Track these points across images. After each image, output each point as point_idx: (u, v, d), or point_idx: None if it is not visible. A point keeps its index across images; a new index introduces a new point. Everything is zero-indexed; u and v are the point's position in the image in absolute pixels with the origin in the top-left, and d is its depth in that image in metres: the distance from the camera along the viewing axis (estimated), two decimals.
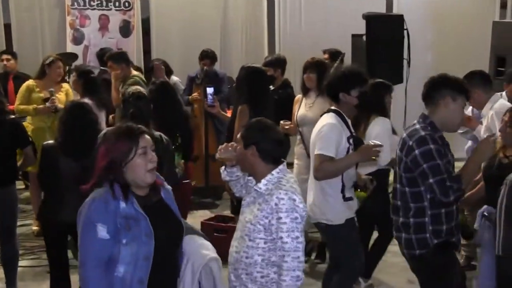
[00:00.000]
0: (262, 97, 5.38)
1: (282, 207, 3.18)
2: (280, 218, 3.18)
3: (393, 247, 4.23)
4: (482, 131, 5.15)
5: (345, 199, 4.37)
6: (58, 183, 4.47)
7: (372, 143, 4.20)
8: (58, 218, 4.45)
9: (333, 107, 4.40)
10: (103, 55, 7.58)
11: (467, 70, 5.26)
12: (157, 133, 4.65)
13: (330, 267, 4.76)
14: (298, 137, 5.76)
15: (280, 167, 3.31)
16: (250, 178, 3.44)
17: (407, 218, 3.73)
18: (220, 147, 3.56)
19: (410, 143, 3.63)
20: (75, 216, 3.02)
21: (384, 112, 5.11)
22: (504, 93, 5.62)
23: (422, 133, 3.62)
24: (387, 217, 4.08)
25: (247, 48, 9.41)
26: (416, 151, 3.59)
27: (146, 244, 2.95)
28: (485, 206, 4.21)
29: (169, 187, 3.21)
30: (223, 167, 3.58)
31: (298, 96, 5.88)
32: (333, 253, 4.82)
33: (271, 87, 6.43)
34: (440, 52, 8.66)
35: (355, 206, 4.52)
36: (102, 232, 2.91)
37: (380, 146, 4.16)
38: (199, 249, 3.22)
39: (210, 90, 5.92)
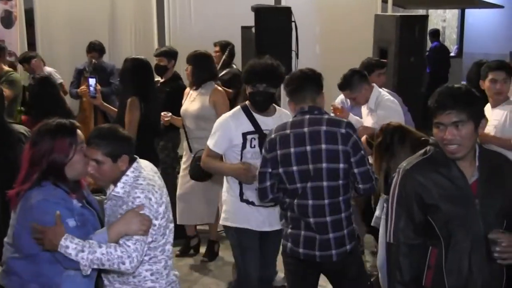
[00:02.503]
0: (149, 89, 5.27)
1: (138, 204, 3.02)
2: None
3: None
4: None
5: (243, 200, 4.15)
6: None
7: (246, 167, 4.02)
8: None
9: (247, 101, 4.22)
10: None
11: (353, 61, 5.44)
12: (19, 127, 4.39)
13: None
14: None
15: (134, 165, 3.11)
16: None
17: (339, 214, 3.53)
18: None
19: (343, 130, 3.47)
20: None
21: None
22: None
23: (345, 120, 3.63)
24: None
25: (136, 40, 9.25)
26: (355, 136, 3.49)
27: None
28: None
29: None
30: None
31: (188, 89, 5.81)
32: None
33: (162, 79, 6.38)
34: (327, 44, 8.89)
35: (267, 217, 4.15)
36: (72, 222, 2.84)
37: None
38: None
39: (92, 81, 5.66)
